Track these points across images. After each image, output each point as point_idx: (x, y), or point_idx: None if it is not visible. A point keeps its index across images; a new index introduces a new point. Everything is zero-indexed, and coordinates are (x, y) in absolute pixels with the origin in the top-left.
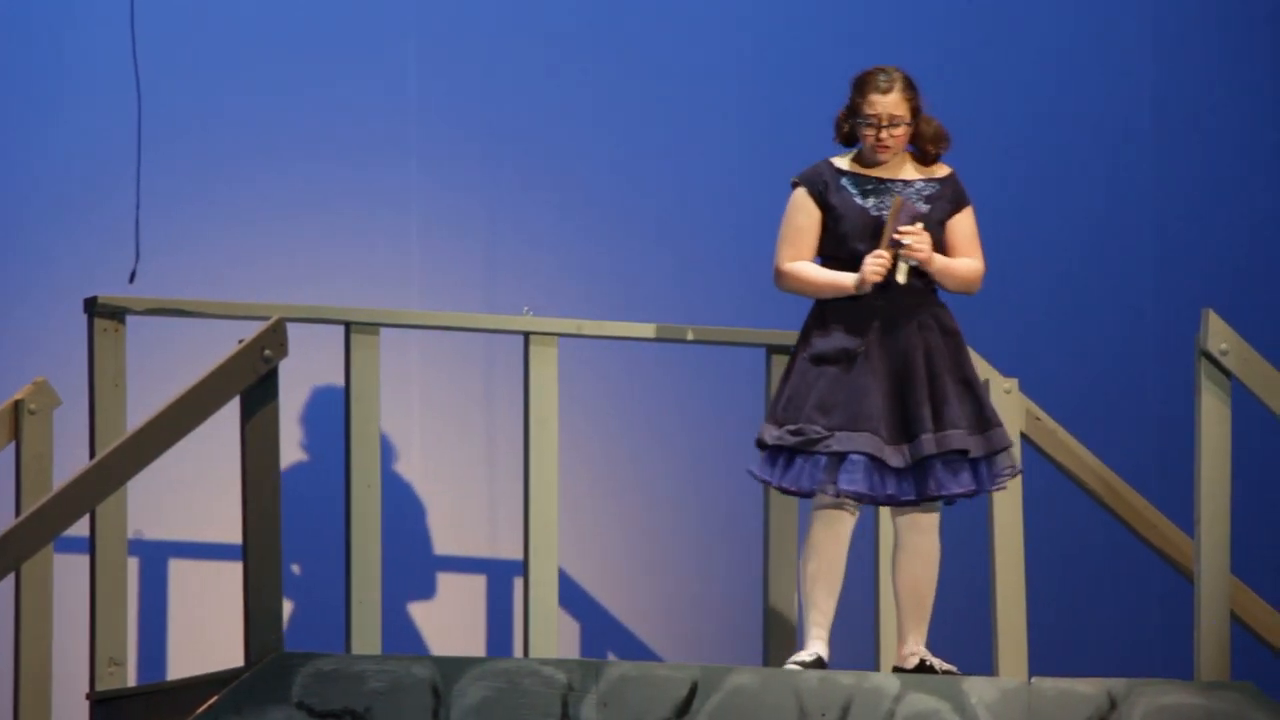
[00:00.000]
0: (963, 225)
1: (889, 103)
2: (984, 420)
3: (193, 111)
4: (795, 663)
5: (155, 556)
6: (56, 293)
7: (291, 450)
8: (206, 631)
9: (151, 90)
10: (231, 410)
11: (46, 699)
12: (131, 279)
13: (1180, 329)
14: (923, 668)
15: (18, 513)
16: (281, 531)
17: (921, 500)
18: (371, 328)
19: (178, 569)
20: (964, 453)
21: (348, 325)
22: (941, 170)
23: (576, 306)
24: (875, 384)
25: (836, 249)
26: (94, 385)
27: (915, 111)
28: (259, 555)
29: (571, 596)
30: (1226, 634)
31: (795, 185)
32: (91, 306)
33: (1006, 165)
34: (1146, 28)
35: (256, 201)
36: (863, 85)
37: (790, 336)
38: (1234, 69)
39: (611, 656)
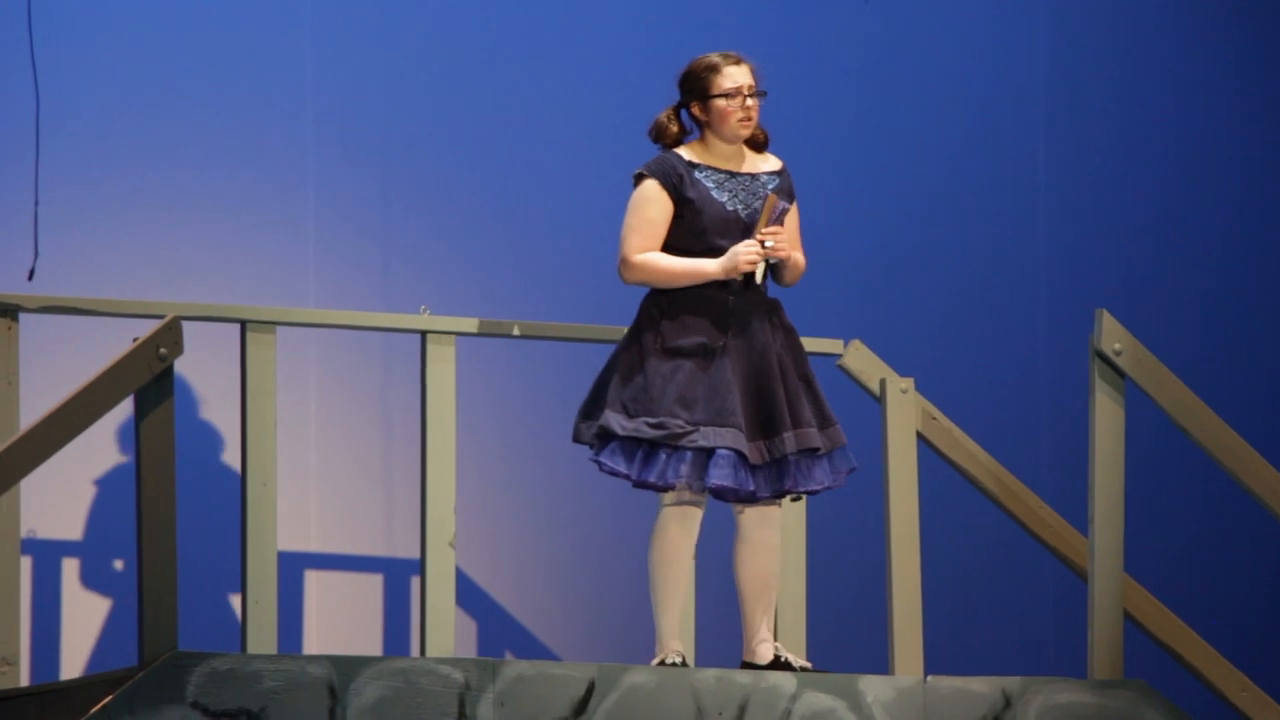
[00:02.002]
0: (794, 220)
1: (745, 72)
2: (825, 417)
3: (91, 109)
4: (665, 665)
5: (48, 555)
6: None
7: (187, 449)
8: (100, 631)
9: (50, 88)
10: (126, 408)
11: None
12: (30, 276)
13: (1074, 329)
14: (778, 664)
15: None
16: (176, 530)
17: (780, 496)
18: (267, 326)
19: (71, 568)
20: (816, 450)
21: (243, 324)
22: (776, 163)
23: (474, 305)
24: (735, 381)
25: (692, 243)
26: None
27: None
28: (153, 554)
29: (469, 595)
30: (1120, 632)
31: (643, 177)
32: None
33: (900, 166)
34: (1042, 31)
35: (153, 199)
36: (713, 64)
37: None
38: (1127, 69)
39: (509, 656)
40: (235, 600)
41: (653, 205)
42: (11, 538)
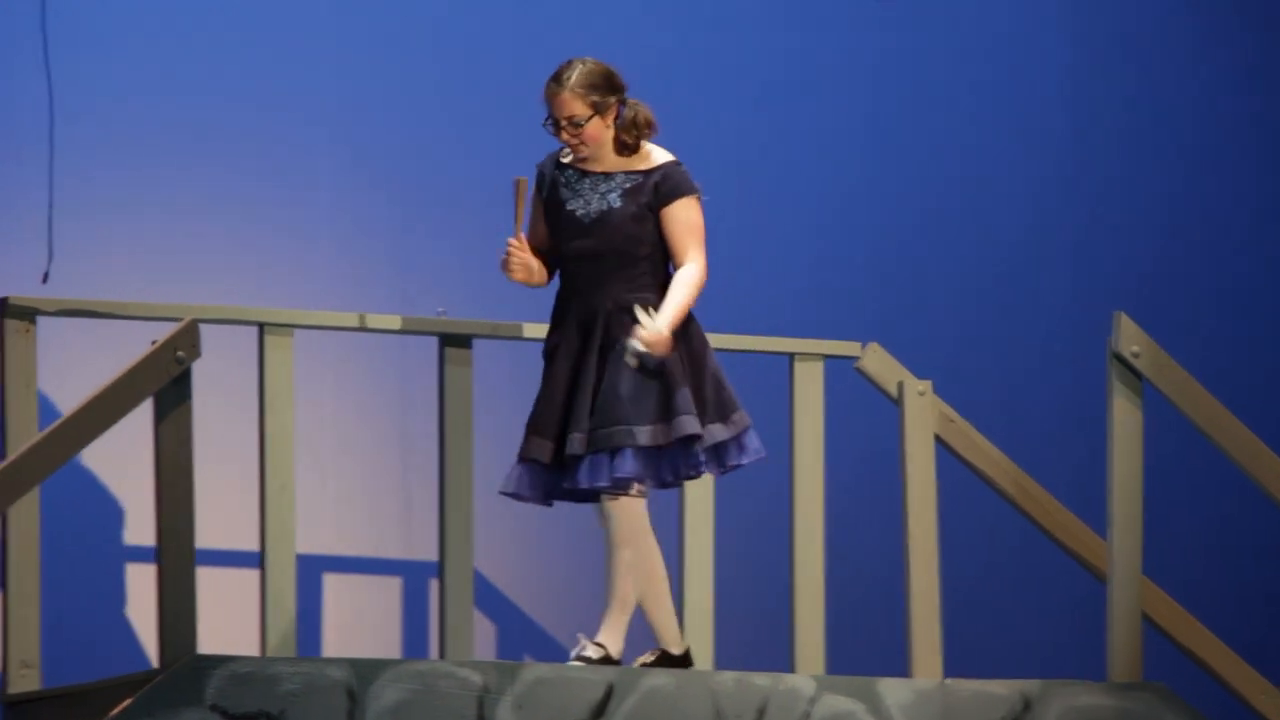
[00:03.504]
0: (675, 216)
1: (562, 102)
2: (668, 410)
3: (106, 111)
4: (581, 658)
5: (68, 558)
6: None
7: (205, 451)
8: (120, 634)
9: (63, 89)
10: (145, 411)
11: None
12: (45, 279)
13: (1093, 331)
14: (581, 657)
15: None
16: (195, 533)
17: (578, 495)
18: (285, 329)
19: (91, 571)
20: (618, 449)
21: (261, 326)
22: (652, 160)
23: (491, 308)
24: (556, 387)
25: (553, 243)
26: (5, 386)
27: (597, 106)
28: (173, 557)
29: (488, 598)
30: (1138, 635)
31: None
32: (2, 307)
33: (918, 168)
34: (1062, 34)
35: (169, 202)
36: (547, 82)
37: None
38: (1149, 71)
39: (527, 659)
40: (254, 603)
41: (533, 202)
42: (31, 540)
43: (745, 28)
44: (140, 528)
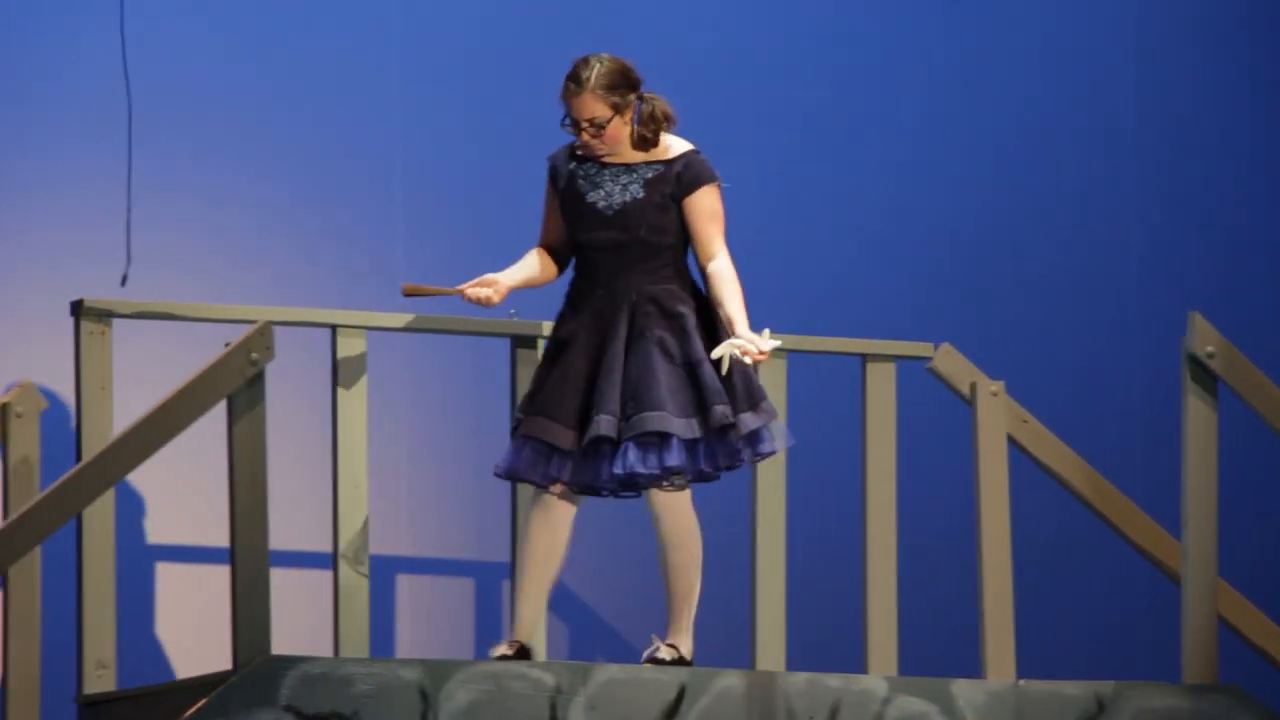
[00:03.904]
0: (699, 205)
1: (583, 104)
2: (702, 400)
3: (183, 115)
4: (499, 656)
5: (143, 559)
6: (44, 296)
7: (278, 453)
8: (194, 635)
9: (141, 94)
10: (219, 413)
11: (34, 702)
12: (123, 282)
13: (1167, 331)
14: (651, 659)
15: (4, 516)
16: (269, 534)
17: (608, 484)
18: (358, 330)
19: (165, 572)
20: (664, 436)
21: (334, 328)
22: (672, 150)
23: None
24: (574, 371)
25: (570, 235)
26: (80, 388)
27: (618, 106)
28: (247, 558)
29: (560, 599)
30: (1213, 636)
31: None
32: (78, 309)
33: (992, 167)
34: (1130, 29)
35: (244, 205)
36: (565, 82)
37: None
38: (1218, 70)
39: (600, 659)
40: (328, 604)
41: (547, 196)
42: (106, 541)
43: (805, 24)
44: (214, 529)
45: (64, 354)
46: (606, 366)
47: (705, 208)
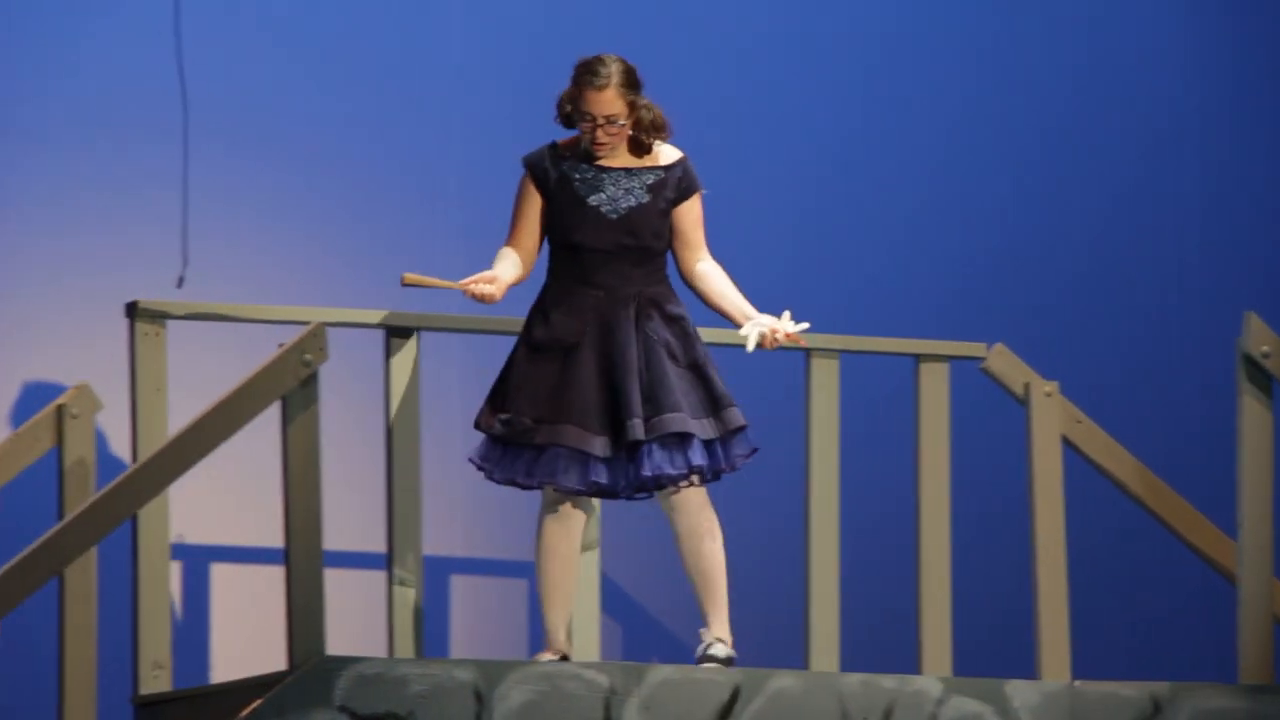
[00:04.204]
0: (692, 211)
1: (604, 100)
2: (715, 402)
3: (237, 118)
4: (708, 658)
5: (197, 560)
6: (100, 298)
7: (332, 454)
8: (249, 635)
9: (197, 97)
10: (272, 414)
11: (90, 703)
12: (180, 284)
13: (1222, 331)
14: (706, 657)
15: (60, 517)
16: (323, 535)
17: (639, 488)
18: (410, 331)
19: (220, 573)
20: (684, 436)
21: (387, 329)
22: (666, 157)
23: None
24: (587, 374)
25: (558, 236)
26: (135, 390)
27: (632, 106)
28: (301, 559)
29: (614, 599)
30: (1269, 637)
31: (523, 166)
32: (133, 311)
33: (1045, 166)
34: (1182, 22)
35: (298, 207)
36: (580, 79)
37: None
38: (1277, 67)
39: (654, 660)
40: (382, 604)
41: (523, 198)
42: (161, 542)
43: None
44: (269, 530)
45: (119, 356)
46: (624, 369)
47: (697, 214)
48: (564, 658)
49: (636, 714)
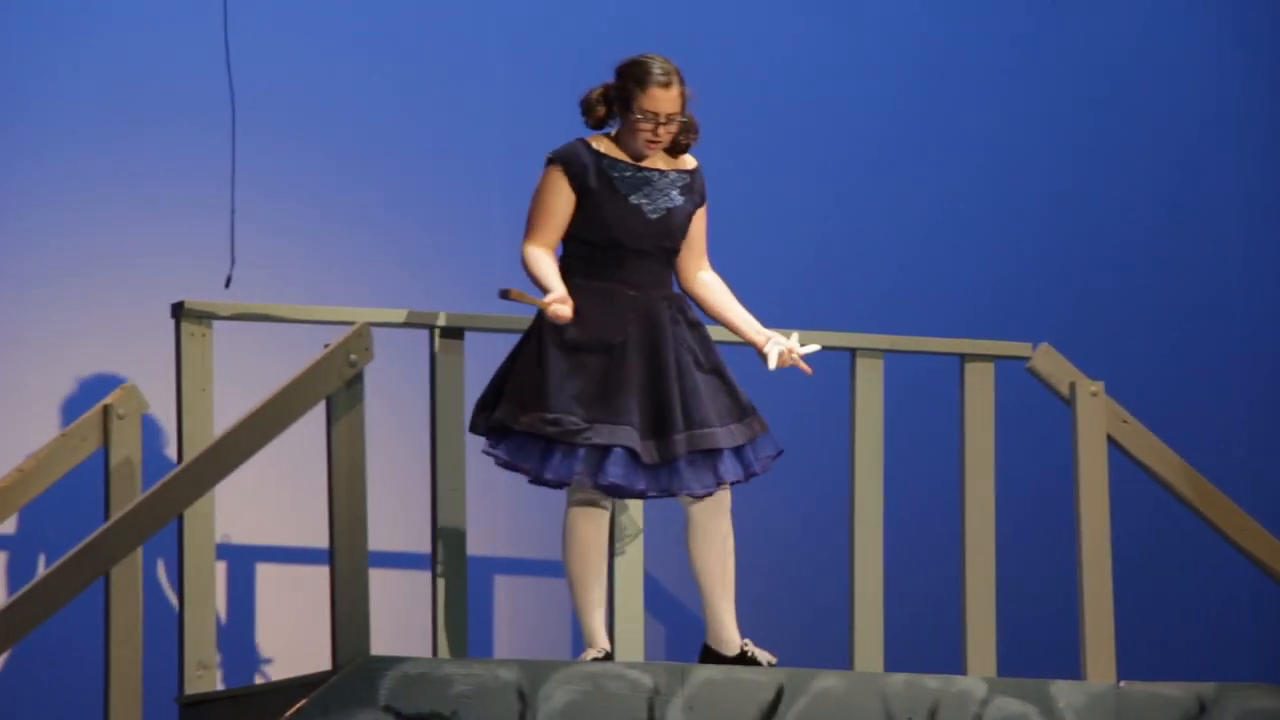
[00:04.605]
0: (703, 218)
1: (669, 99)
2: (740, 408)
3: (285, 118)
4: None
5: (243, 560)
6: (146, 298)
7: (377, 454)
8: (294, 635)
9: (245, 97)
10: (318, 414)
11: (136, 702)
12: (228, 284)
13: (1268, 331)
14: (744, 658)
15: (106, 517)
16: (368, 535)
17: (668, 496)
18: (457, 332)
19: (265, 573)
20: (714, 451)
21: (432, 329)
22: (689, 162)
23: None
24: (632, 378)
25: (592, 233)
26: (181, 390)
27: (685, 105)
28: (346, 559)
29: (658, 599)
30: None
31: (550, 162)
32: (179, 311)
33: (1090, 165)
34: (1230, 21)
35: (345, 207)
36: (642, 78)
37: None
38: None
39: (698, 660)
40: (426, 604)
41: (554, 194)
42: (207, 542)
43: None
44: (313, 530)
45: (166, 356)
46: (667, 378)
47: (706, 221)
48: (607, 655)
49: (680, 714)
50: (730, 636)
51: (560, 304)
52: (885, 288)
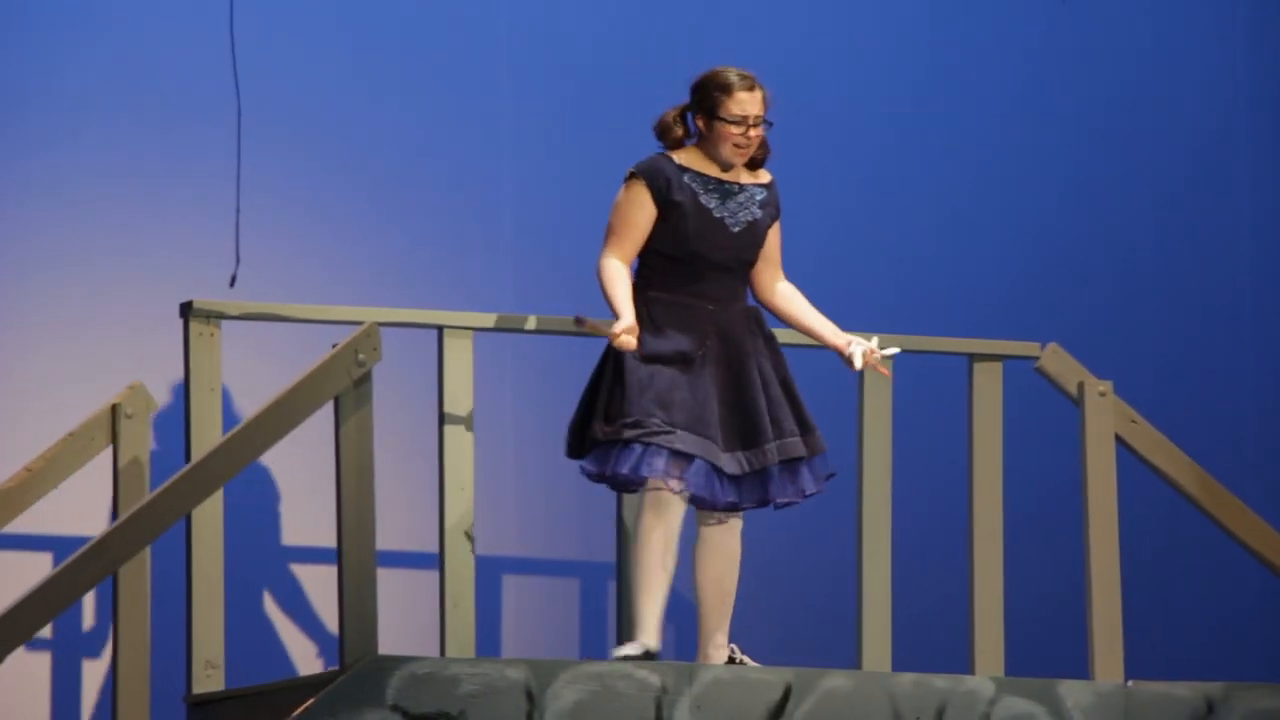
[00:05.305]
0: (778, 232)
1: (757, 100)
2: (805, 423)
3: (290, 118)
4: (624, 656)
5: (250, 559)
6: (154, 298)
7: (385, 453)
8: (302, 634)
9: (250, 96)
10: (325, 414)
11: (144, 701)
12: (232, 283)
13: (1278, 330)
14: (733, 663)
15: (115, 516)
16: (376, 535)
17: (762, 506)
18: (464, 331)
19: (274, 572)
20: (799, 458)
21: (440, 329)
22: (766, 176)
23: None
24: (713, 390)
25: (674, 246)
26: (190, 389)
27: (768, 108)
28: (353, 558)
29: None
30: None
31: (633, 176)
32: (187, 311)
33: (1098, 165)
34: (1241, 22)
35: (351, 207)
36: (726, 84)
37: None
38: None
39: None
40: (434, 604)
41: (636, 208)
42: (215, 541)
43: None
44: (321, 529)
45: (174, 356)
46: (752, 390)
47: (780, 234)
48: (647, 654)
49: (688, 713)
50: (716, 653)
51: (628, 334)
52: (894, 287)
